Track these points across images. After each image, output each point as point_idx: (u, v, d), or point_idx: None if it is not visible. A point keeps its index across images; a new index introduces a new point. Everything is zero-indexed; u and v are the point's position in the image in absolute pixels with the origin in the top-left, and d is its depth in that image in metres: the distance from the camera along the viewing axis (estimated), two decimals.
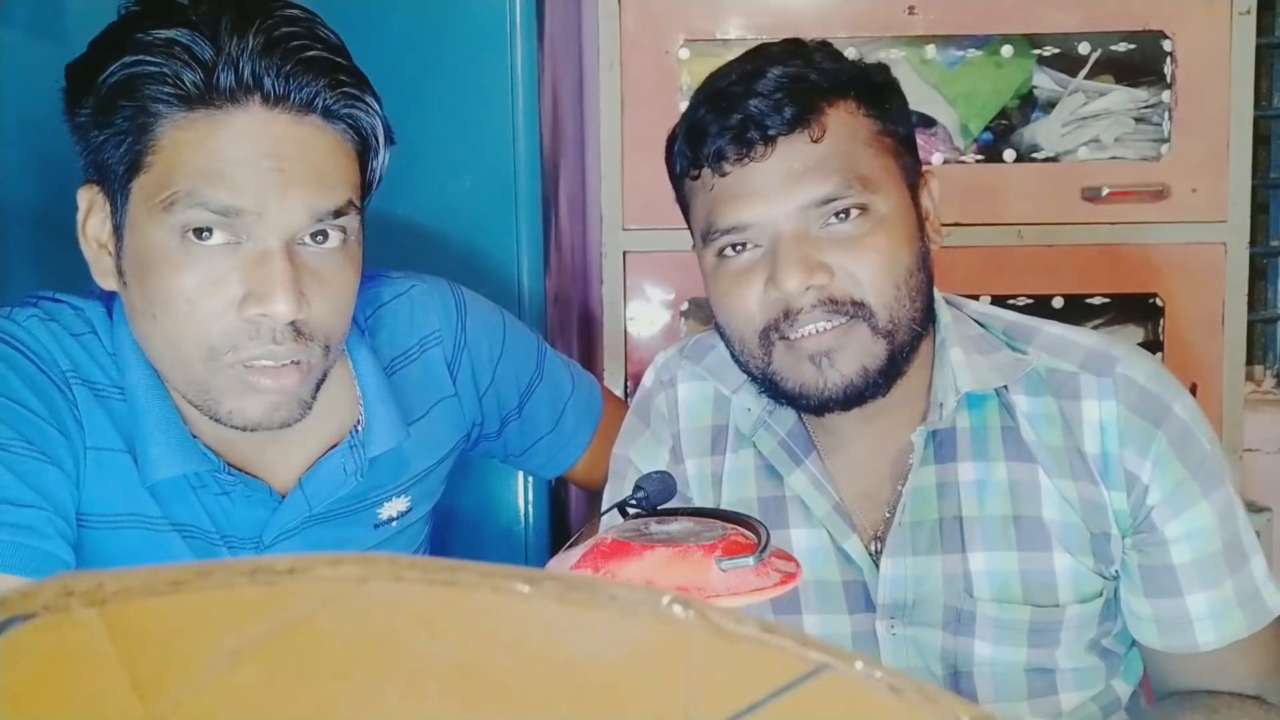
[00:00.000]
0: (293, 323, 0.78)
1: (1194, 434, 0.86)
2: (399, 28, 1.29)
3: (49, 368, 0.82)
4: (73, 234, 0.83)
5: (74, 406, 0.83)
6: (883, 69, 0.90)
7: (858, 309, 0.83)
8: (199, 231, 0.77)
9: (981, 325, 0.92)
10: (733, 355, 0.90)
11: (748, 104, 0.83)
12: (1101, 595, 0.88)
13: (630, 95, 1.57)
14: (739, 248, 0.85)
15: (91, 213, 0.82)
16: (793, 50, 0.87)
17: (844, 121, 0.84)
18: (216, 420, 0.81)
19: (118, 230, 0.80)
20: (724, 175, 0.84)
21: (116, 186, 0.79)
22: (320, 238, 0.80)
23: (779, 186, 0.82)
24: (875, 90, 0.87)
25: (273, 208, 0.77)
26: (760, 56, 0.87)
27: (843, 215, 0.83)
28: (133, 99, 0.76)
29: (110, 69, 0.76)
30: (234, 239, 0.77)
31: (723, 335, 0.90)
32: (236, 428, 0.81)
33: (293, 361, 0.79)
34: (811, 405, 0.86)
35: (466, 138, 1.30)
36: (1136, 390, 0.86)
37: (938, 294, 0.92)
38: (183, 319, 0.78)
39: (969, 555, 0.88)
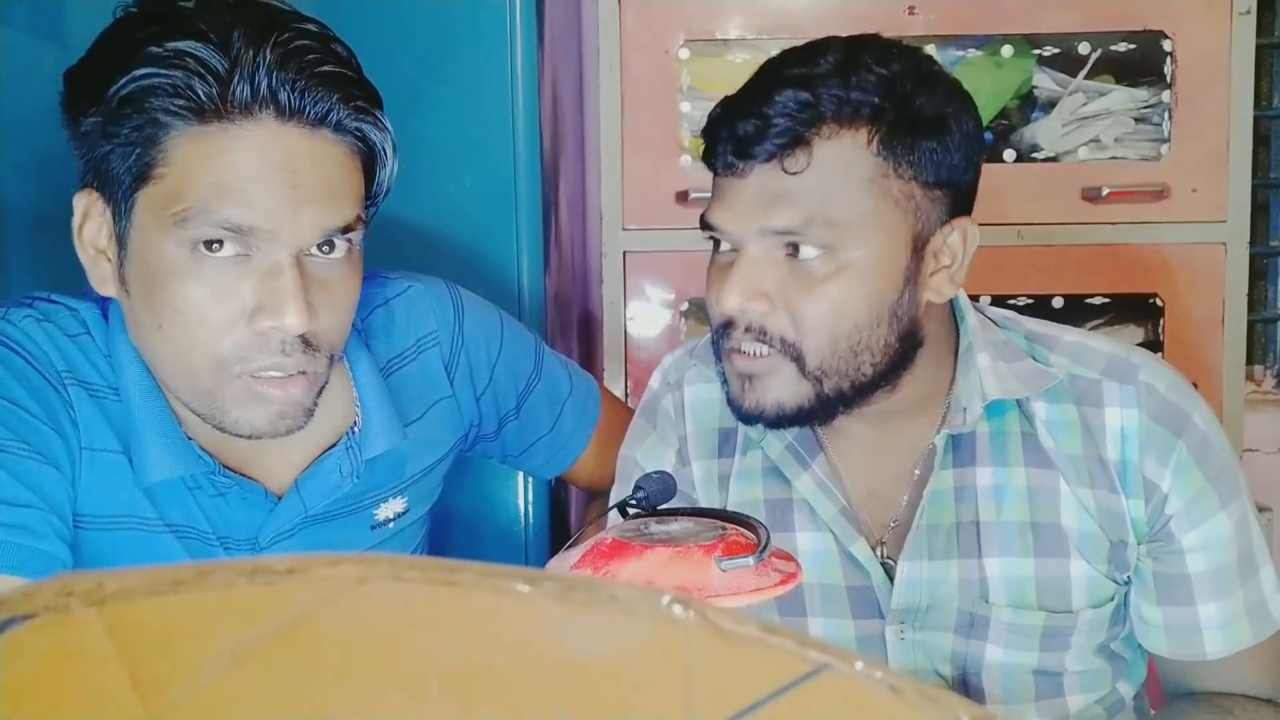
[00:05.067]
0: (302, 334, 0.79)
1: (1213, 445, 0.86)
2: (399, 28, 1.29)
3: (44, 368, 0.82)
4: (71, 235, 0.83)
5: (69, 407, 0.83)
6: (942, 103, 0.83)
7: (786, 347, 0.82)
8: (209, 244, 0.77)
9: (1002, 330, 0.91)
10: None
11: (741, 125, 0.82)
12: (1113, 600, 0.88)
13: (630, 95, 1.57)
14: (720, 244, 0.87)
15: (89, 218, 0.81)
16: (829, 65, 0.82)
17: (838, 155, 0.80)
18: (221, 429, 0.81)
19: (120, 238, 0.80)
20: (718, 175, 0.86)
21: (120, 195, 0.78)
22: (327, 248, 0.80)
23: (748, 206, 0.82)
24: (908, 129, 0.81)
25: (286, 224, 0.77)
26: (785, 66, 0.83)
27: (807, 251, 0.82)
28: (142, 110, 0.76)
29: (121, 81, 0.76)
30: (244, 251, 0.77)
31: None
32: (241, 436, 0.81)
33: (300, 372, 0.80)
34: (740, 417, 0.86)
35: (466, 138, 1.30)
36: (1158, 399, 0.85)
37: (966, 299, 0.91)
38: (192, 330, 0.78)
39: (985, 560, 0.87)
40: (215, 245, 0.77)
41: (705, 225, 0.86)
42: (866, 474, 0.92)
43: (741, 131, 0.81)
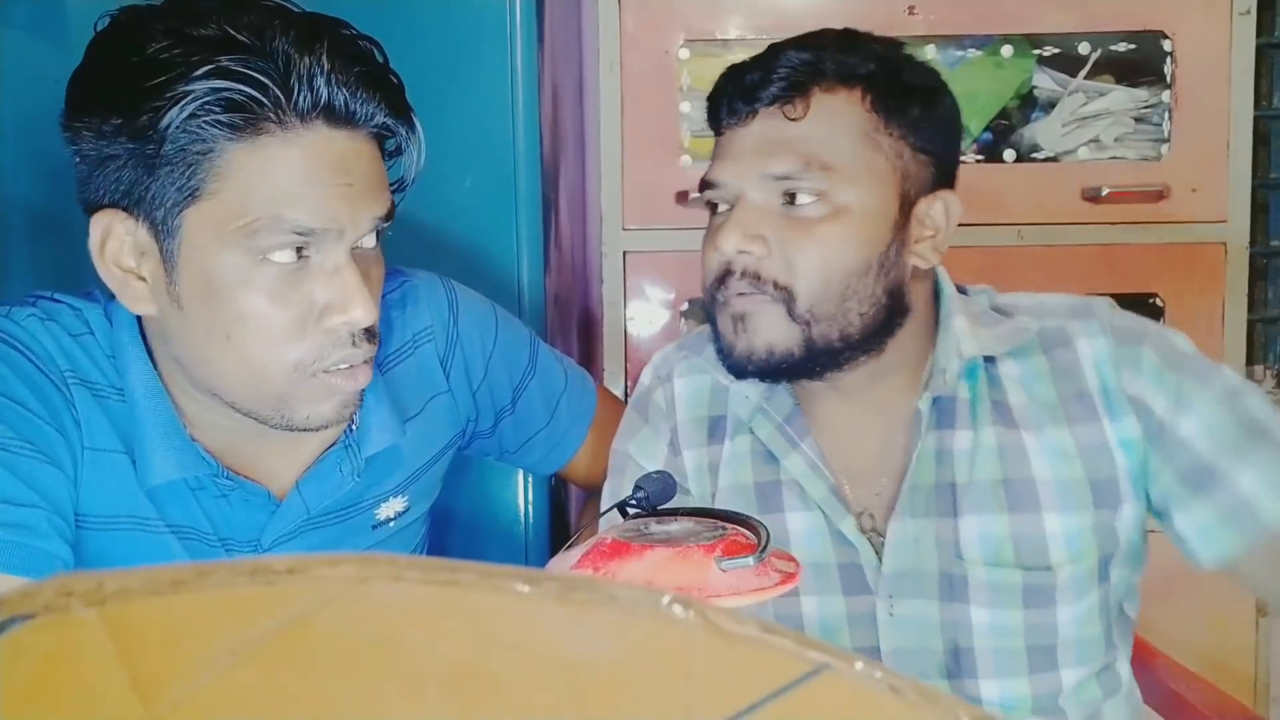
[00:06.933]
0: (367, 325, 0.81)
1: (1174, 343, 0.90)
2: (399, 28, 1.29)
3: (48, 367, 0.82)
4: (72, 233, 0.83)
5: (72, 406, 0.83)
6: (928, 78, 0.91)
7: (778, 291, 0.86)
8: (271, 251, 0.77)
9: (975, 299, 0.96)
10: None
11: (748, 76, 0.88)
12: (1097, 554, 0.89)
13: (630, 95, 1.57)
14: (718, 207, 0.91)
15: (110, 238, 0.79)
16: (828, 39, 0.90)
17: (836, 109, 0.87)
18: (288, 427, 0.83)
19: (166, 256, 0.78)
20: (721, 135, 0.91)
21: (163, 214, 0.77)
22: (367, 238, 0.82)
23: (749, 154, 0.87)
24: (899, 93, 0.88)
25: (349, 224, 0.79)
26: (795, 40, 0.91)
27: (803, 198, 0.87)
28: (188, 131, 0.75)
29: (171, 111, 0.74)
30: (305, 254, 0.79)
31: None
32: (309, 430, 0.84)
33: (364, 361, 0.83)
34: (731, 367, 0.90)
35: (466, 138, 1.30)
36: (1115, 323, 0.91)
37: (945, 273, 0.95)
38: (261, 337, 0.79)
39: (960, 519, 0.90)
40: (278, 252, 0.77)
41: (705, 185, 0.91)
42: (852, 452, 0.94)
43: (748, 80, 0.88)
